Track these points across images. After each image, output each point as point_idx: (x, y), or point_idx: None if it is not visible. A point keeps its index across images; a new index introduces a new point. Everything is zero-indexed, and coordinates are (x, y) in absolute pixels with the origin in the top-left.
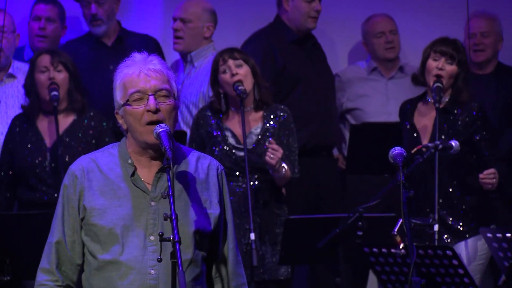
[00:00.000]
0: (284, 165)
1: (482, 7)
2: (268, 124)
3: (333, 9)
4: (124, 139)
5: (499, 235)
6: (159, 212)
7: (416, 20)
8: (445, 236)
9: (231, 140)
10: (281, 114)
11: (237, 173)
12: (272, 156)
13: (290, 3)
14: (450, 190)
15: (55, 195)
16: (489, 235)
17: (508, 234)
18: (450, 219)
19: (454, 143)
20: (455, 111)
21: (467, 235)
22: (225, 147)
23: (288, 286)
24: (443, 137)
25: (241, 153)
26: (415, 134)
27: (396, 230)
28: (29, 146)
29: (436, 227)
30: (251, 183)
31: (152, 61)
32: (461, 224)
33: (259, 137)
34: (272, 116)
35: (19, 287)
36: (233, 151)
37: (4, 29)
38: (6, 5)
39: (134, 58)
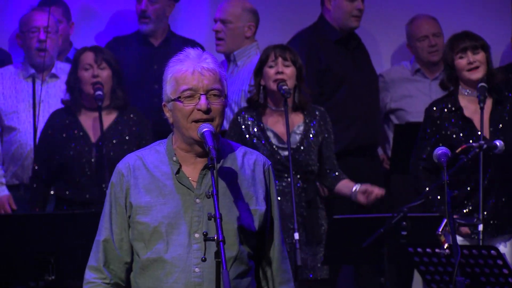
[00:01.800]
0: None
1: None
2: (310, 124)
3: (377, 9)
4: (170, 136)
5: None
6: (204, 209)
7: (460, 19)
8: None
9: (274, 140)
10: (320, 114)
11: (281, 172)
12: (366, 201)
13: (332, 2)
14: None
15: (100, 191)
16: None
17: None
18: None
19: (498, 142)
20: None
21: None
22: (268, 147)
23: (329, 285)
24: (500, 126)
25: (285, 153)
26: (471, 128)
27: (440, 230)
28: (73, 142)
29: (480, 227)
30: (295, 182)
31: (206, 59)
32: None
33: (302, 136)
34: (312, 116)
35: (64, 286)
36: (278, 150)
37: (48, 29)
38: (50, 6)
39: (188, 54)
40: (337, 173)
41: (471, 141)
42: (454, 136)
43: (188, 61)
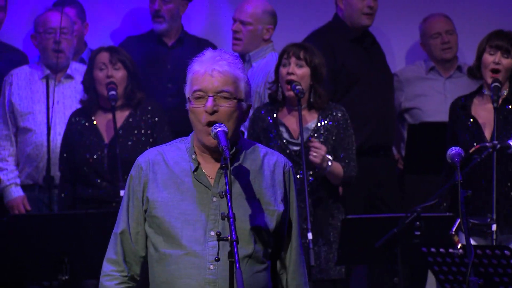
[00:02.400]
0: (329, 161)
1: None
2: (323, 122)
3: (390, 9)
4: (192, 133)
5: None
6: (220, 208)
7: (474, 19)
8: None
9: (286, 135)
10: (337, 112)
11: None
12: (315, 154)
13: (343, 0)
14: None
15: (113, 191)
16: None
17: None
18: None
19: None
20: None
21: None
22: (279, 142)
23: (342, 285)
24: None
25: (295, 148)
26: (478, 129)
27: (454, 229)
28: (87, 142)
29: (494, 227)
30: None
31: (220, 61)
32: None
33: (313, 133)
34: (327, 114)
35: (78, 286)
36: (288, 145)
37: (63, 31)
38: (64, 7)
39: (205, 55)
40: None
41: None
42: (460, 132)
43: (203, 62)
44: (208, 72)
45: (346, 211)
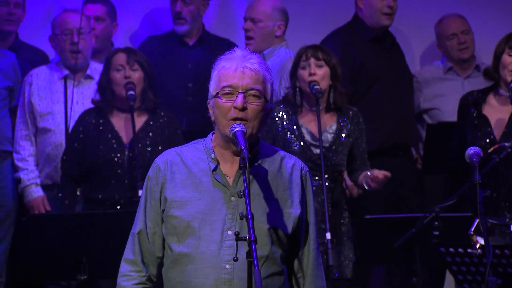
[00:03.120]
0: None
1: None
2: (342, 124)
3: (408, 9)
4: (210, 134)
5: None
6: (238, 208)
7: (490, 18)
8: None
9: (308, 137)
10: (353, 114)
11: (312, 171)
12: (376, 185)
13: (363, 0)
14: None
15: (132, 192)
16: None
17: None
18: None
19: None
20: None
21: None
22: (302, 143)
23: (361, 284)
24: None
25: (317, 150)
26: (487, 127)
27: (472, 229)
28: (105, 142)
29: None
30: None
31: (250, 60)
32: None
33: (334, 136)
34: (345, 117)
35: (95, 286)
36: (311, 147)
37: (81, 31)
38: (83, 7)
39: (234, 53)
40: (360, 172)
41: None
42: (468, 130)
43: (233, 59)
44: (240, 69)
45: (364, 212)
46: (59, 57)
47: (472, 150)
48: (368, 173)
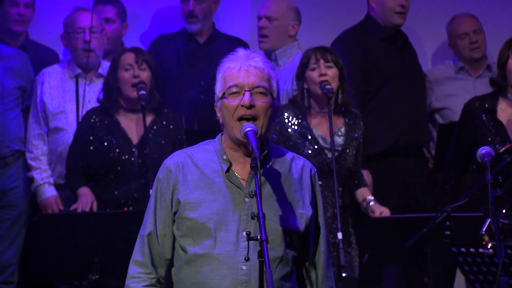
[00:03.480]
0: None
1: None
2: (349, 126)
3: (420, 8)
4: (219, 136)
5: None
6: (252, 208)
7: (502, 18)
8: None
9: (321, 141)
10: (358, 117)
11: (324, 174)
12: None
13: None
14: None
15: (142, 192)
16: None
17: None
18: None
19: None
20: None
21: None
22: (315, 147)
23: (375, 284)
24: None
25: (331, 154)
26: (504, 131)
27: (484, 229)
28: (113, 141)
29: None
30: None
31: (254, 58)
32: None
33: (346, 139)
34: (352, 118)
35: (107, 286)
36: (324, 151)
37: (93, 30)
38: (94, 6)
39: (237, 53)
40: (356, 182)
41: (498, 146)
42: (482, 136)
43: (237, 59)
44: (244, 68)
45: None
46: (71, 56)
47: (483, 150)
48: (370, 204)
